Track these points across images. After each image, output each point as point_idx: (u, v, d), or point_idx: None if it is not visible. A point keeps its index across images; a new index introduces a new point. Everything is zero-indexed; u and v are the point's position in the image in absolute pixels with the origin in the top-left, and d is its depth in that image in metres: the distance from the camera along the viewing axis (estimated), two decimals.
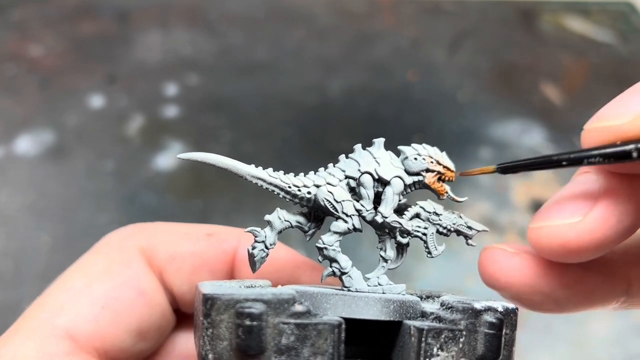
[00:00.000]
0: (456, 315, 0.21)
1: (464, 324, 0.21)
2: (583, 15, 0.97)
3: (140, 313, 0.26)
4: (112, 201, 0.62)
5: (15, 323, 0.25)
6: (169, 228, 0.29)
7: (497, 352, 0.21)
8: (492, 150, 0.72)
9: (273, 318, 0.19)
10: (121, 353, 0.26)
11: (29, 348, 0.23)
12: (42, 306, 0.25)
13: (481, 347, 0.21)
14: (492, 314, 0.21)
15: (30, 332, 0.24)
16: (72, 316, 0.25)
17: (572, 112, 0.79)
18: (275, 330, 0.19)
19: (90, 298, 0.25)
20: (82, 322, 0.25)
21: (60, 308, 0.25)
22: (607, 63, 0.88)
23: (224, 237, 0.29)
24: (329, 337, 0.20)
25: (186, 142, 0.70)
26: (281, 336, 0.19)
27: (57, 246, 0.58)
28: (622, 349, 0.53)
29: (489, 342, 0.21)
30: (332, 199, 0.24)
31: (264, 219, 0.25)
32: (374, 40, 0.89)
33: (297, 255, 0.30)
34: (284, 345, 0.19)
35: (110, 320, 0.25)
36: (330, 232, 0.25)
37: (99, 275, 0.26)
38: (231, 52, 0.84)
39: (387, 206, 0.24)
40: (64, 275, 0.27)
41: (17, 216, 0.60)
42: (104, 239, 0.29)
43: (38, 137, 0.69)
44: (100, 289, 0.26)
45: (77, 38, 0.84)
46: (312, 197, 0.25)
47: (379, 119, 0.76)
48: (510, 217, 0.64)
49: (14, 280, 0.54)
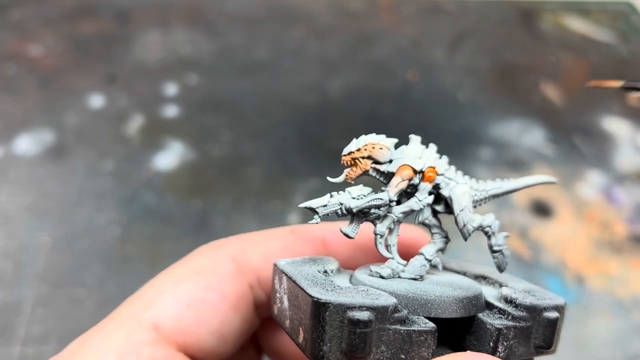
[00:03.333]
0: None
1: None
2: (583, 15, 0.97)
3: (222, 316, 0.28)
4: (112, 201, 0.62)
5: (108, 315, 0.27)
6: (255, 234, 0.31)
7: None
8: (492, 150, 0.72)
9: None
10: (201, 352, 0.27)
11: (118, 335, 0.25)
12: (132, 302, 0.27)
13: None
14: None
15: (119, 322, 0.26)
16: (158, 311, 0.27)
17: (572, 112, 0.79)
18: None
19: (176, 297, 0.27)
20: (167, 317, 0.27)
21: (148, 304, 0.27)
22: (607, 63, 0.88)
23: (306, 230, 0.31)
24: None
25: (186, 142, 0.70)
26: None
27: (57, 246, 0.58)
28: (622, 349, 0.53)
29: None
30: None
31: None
32: (374, 40, 0.89)
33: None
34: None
35: (193, 318, 0.27)
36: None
37: (186, 277, 0.28)
38: (231, 52, 0.84)
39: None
40: (155, 277, 0.29)
41: (16, 216, 0.60)
42: (196, 249, 0.31)
43: (38, 137, 0.69)
44: (186, 289, 0.27)
45: (77, 38, 0.84)
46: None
47: (379, 118, 0.76)
48: (510, 217, 0.64)
49: (13, 280, 0.54)
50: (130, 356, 0.25)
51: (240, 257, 0.29)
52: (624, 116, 0.79)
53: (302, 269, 0.25)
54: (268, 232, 0.31)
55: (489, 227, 0.27)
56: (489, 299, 0.25)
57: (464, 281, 0.26)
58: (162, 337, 0.26)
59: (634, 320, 0.55)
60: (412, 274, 0.26)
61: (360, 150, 0.26)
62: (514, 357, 0.23)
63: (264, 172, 0.67)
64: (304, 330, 0.22)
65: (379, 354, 0.21)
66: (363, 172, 0.26)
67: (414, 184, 0.26)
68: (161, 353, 0.26)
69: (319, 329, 0.21)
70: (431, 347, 0.22)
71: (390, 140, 0.26)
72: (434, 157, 0.26)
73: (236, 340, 0.29)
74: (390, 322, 0.21)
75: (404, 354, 0.21)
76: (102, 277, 0.55)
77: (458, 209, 0.26)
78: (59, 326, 0.51)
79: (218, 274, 0.28)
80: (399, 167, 0.26)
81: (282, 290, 0.25)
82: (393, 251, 0.27)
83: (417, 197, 0.26)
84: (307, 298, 0.21)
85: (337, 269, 0.27)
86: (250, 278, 0.29)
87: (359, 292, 0.22)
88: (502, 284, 0.26)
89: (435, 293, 0.23)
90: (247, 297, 0.29)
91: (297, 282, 0.23)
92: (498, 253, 0.27)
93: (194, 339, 0.27)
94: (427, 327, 0.22)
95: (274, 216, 0.62)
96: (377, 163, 0.26)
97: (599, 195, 0.68)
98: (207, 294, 0.28)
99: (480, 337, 0.23)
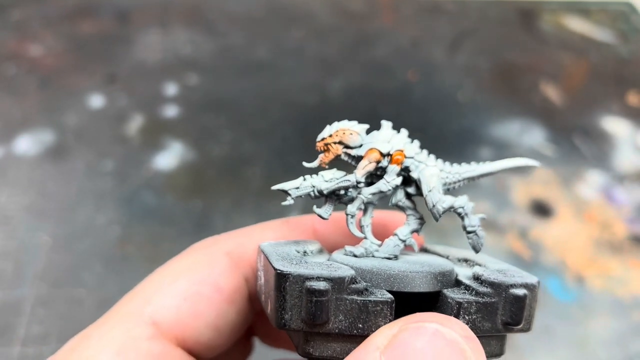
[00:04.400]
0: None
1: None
2: (583, 15, 0.97)
3: (218, 309, 0.28)
4: (112, 201, 0.62)
5: (106, 313, 0.28)
6: (248, 228, 0.32)
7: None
8: (492, 150, 0.72)
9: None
10: (197, 345, 0.28)
11: (117, 331, 0.26)
12: (131, 298, 0.28)
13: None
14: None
15: (118, 318, 0.27)
16: (156, 306, 0.27)
17: (572, 112, 0.79)
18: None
19: (174, 291, 0.28)
20: (165, 311, 0.27)
21: (147, 299, 0.27)
22: (607, 63, 0.88)
23: (298, 220, 0.32)
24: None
25: (186, 142, 0.70)
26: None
27: (57, 246, 0.58)
28: (622, 349, 0.53)
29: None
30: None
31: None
32: (374, 40, 0.89)
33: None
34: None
35: (190, 312, 0.28)
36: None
37: (183, 272, 0.29)
38: (231, 52, 0.84)
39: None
40: (152, 274, 0.29)
41: (16, 216, 0.60)
42: (191, 246, 0.31)
43: (38, 137, 0.69)
44: (182, 284, 0.28)
45: (77, 38, 0.84)
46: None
47: (379, 118, 0.75)
48: (510, 217, 0.64)
49: (13, 280, 0.54)
50: (129, 351, 0.25)
51: (235, 250, 0.30)
52: (624, 116, 0.79)
53: (280, 249, 0.26)
54: (261, 224, 0.32)
55: (462, 208, 0.27)
56: (460, 278, 0.25)
57: (436, 260, 0.27)
58: (160, 332, 0.27)
59: (634, 320, 0.55)
60: (386, 253, 0.27)
61: (332, 136, 0.27)
62: (478, 331, 0.23)
63: (264, 172, 0.67)
64: (271, 301, 0.23)
65: (337, 322, 0.22)
66: (335, 157, 0.27)
67: (382, 167, 0.27)
68: (159, 348, 0.26)
69: (281, 299, 0.22)
70: (388, 317, 0.22)
71: (361, 126, 0.28)
72: (403, 141, 0.27)
73: (231, 332, 0.29)
74: (348, 292, 0.22)
75: (362, 322, 0.22)
76: (102, 277, 0.55)
77: (426, 189, 0.27)
78: (59, 326, 0.51)
79: (213, 268, 0.29)
80: (366, 150, 0.27)
81: (260, 268, 0.26)
82: (367, 232, 0.28)
83: (386, 178, 0.27)
84: (271, 270, 0.23)
85: (317, 250, 0.28)
86: (245, 271, 0.30)
87: (321, 265, 0.23)
88: (480, 265, 0.27)
89: (399, 268, 0.24)
90: (242, 290, 0.30)
91: (269, 258, 0.24)
92: (472, 234, 0.27)
93: (191, 332, 0.28)
94: (383, 298, 0.23)
95: (274, 216, 0.61)
96: (348, 147, 0.27)
97: (599, 195, 0.68)
98: (203, 287, 0.28)
99: (443, 311, 0.24)
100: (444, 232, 0.60)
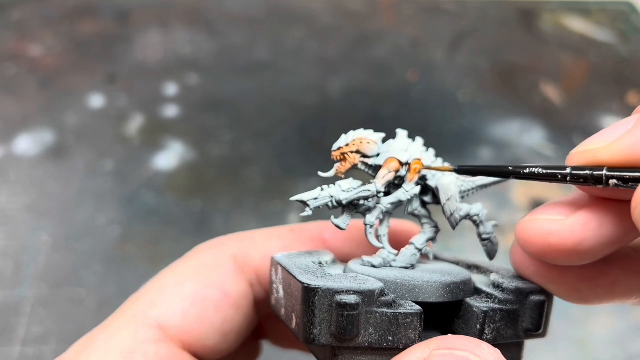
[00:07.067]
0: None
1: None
2: (583, 15, 0.97)
3: (225, 314, 0.28)
4: (112, 201, 0.62)
5: (112, 315, 0.27)
6: (255, 232, 0.32)
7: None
8: (492, 150, 0.72)
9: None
10: (203, 349, 0.28)
11: (123, 334, 0.26)
12: (136, 300, 0.28)
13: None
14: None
15: (125, 321, 0.27)
16: (162, 310, 0.27)
17: (572, 112, 0.79)
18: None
19: (180, 295, 0.28)
20: (172, 315, 0.27)
21: (153, 302, 0.27)
22: (607, 63, 0.88)
23: (305, 228, 0.32)
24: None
25: (186, 142, 0.70)
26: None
27: (57, 246, 0.58)
28: (622, 349, 0.53)
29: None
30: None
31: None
32: (374, 40, 0.89)
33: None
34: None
35: (197, 316, 0.27)
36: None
37: (189, 275, 0.28)
38: (231, 52, 0.84)
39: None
40: (157, 275, 0.29)
41: (16, 216, 0.60)
42: (196, 247, 0.31)
43: (38, 137, 0.69)
44: (189, 287, 0.28)
45: (77, 38, 0.84)
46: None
47: (379, 119, 0.76)
48: (510, 217, 0.64)
49: (13, 280, 0.54)
50: (136, 355, 0.25)
51: (241, 255, 0.30)
52: (624, 116, 0.79)
53: (297, 260, 0.26)
54: (267, 230, 0.32)
55: (477, 215, 0.27)
56: (478, 286, 0.26)
57: (454, 269, 0.27)
58: (167, 336, 0.27)
59: (634, 320, 0.55)
60: (403, 262, 0.27)
61: (348, 145, 0.27)
62: (501, 339, 0.23)
63: (264, 172, 0.67)
64: (296, 315, 0.23)
65: (367, 336, 0.22)
66: (352, 166, 0.27)
67: (400, 176, 0.27)
68: (166, 351, 0.26)
69: (309, 313, 0.22)
70: (417, 329, 0.22)
71: (378, 135, 0.27)
72: (420, 149, 0.27)
73: (237, 337, 0.29)
74: (377, 305, 0.22)
75: (392, 335, 0.22)
76: (102, 277, 0.55)
77: (445, 198, 0.27)
78: (59, 326, 0.51)
79: (220, 272, 0.29)
80: (385, 159, 0.27)
81: (277, 281, 0.26)
82: (384, 241, 0.27)
83: (404, 188, 0.27)
84: (298, 284, 0.22)
85: (332, 260, 0.28)
86: (250, 276, 0.30)
87: (347, 278, 0.23)
88: (493, 271, 0.27)
89: (422, 279, 0.24)
90: (248, 295, 0.29)
91: (290, 271, 0.24)
92: (487, 241, 0.28)
93: (197, 336, 0.27)
94: (413, 310, 0.22)
95: (274, 216, 0.62)
96: (365, 157, 0.27)
97: None
98: (210, 292, 0.28)
99: (468, 320, 0.24)
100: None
